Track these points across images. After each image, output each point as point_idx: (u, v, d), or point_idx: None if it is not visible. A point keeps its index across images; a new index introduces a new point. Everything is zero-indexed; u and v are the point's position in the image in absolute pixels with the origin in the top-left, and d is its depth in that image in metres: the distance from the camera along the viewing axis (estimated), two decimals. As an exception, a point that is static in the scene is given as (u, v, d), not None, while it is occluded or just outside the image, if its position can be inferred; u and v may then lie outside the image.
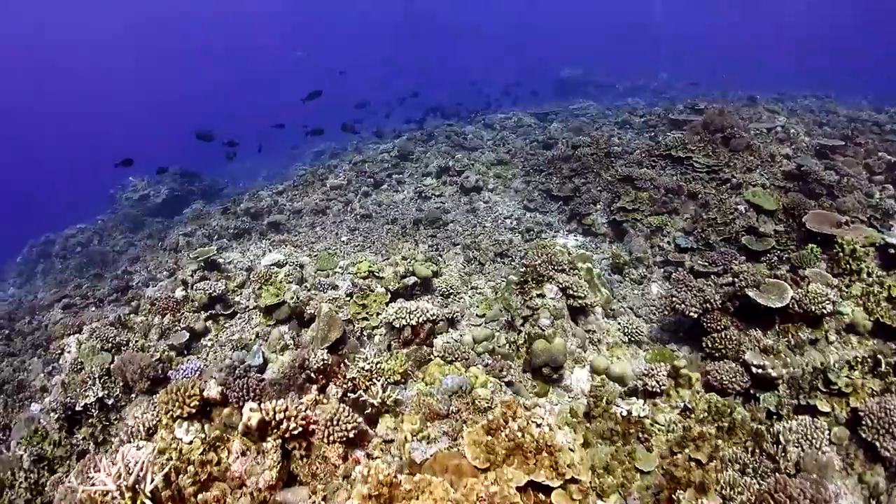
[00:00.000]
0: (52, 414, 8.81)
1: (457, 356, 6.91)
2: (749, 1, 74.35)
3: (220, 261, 12.19)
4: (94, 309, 13.62)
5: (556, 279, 7.98)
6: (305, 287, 9.61)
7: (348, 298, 8.82)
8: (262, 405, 4.97)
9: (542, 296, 7.86)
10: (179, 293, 10.85)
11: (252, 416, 4.81)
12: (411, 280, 9.41)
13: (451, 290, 9.67)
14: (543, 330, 7.29)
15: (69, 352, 10.25)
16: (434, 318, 7.07)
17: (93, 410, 8.71)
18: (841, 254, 9.47)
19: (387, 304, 9.11)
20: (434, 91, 29.44)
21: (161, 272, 12.71)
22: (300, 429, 4.94)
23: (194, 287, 10.31)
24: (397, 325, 7.00)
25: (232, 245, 14.04)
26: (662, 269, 11.14)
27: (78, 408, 8.70)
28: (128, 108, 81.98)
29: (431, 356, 7.04)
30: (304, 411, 5.16)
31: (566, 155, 15.30)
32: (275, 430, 4.93)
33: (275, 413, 4.90)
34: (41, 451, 8.44)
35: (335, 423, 5.05)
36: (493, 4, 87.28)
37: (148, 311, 10.95)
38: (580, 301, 7.96)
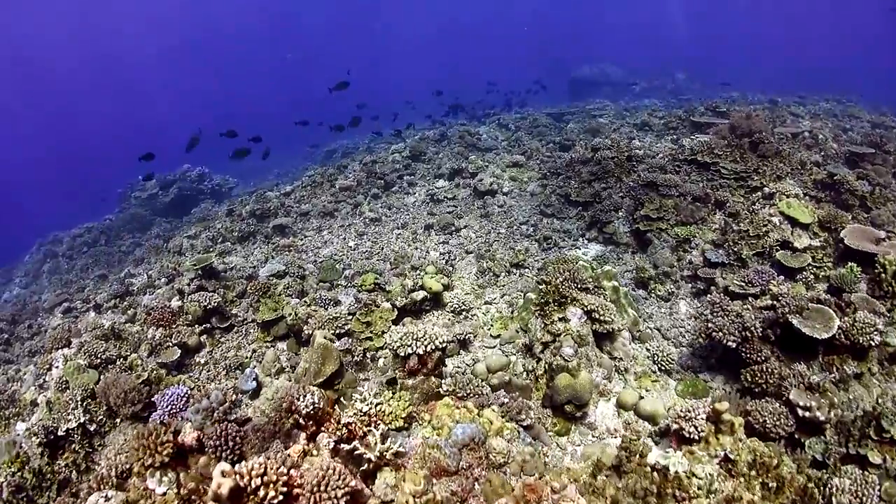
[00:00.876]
0: (33, 438, 8.00)
1: (469, 391, 5.97)
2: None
3: (220, 268, 11.34)
4: (93, 314, 12.86)
5: (581, 301, 7.00)
6: (305, 302, 8.70)
7: (350, 317, 7.89)
8: (237, 467, 4.07)
9: (564, 320, 6.88)
10: (175, 303, 10.01)
11: (223, 483, 3.90)
12: (420, 295, 8.46)
13: (464, 306, 8.72)
14: (567, 361, 6.33)
15: (57, 367, 9.44)
16: (443, 345, 6.14)
17: (75, 436, 7.89)
18: (883, 275, 8.46)
19: (393, 321, 8.19)
20: (452, 90, 28.16)
21: (160, 278, 11.86)
22: (281, 497, 4.03)
23: (189, 298, 9.44)
24: (402, 354, 6.07)
25: (236, 249, 13.18)
26: (690, 285, 10.12)
27: (60, 433, 7.89)
28: (142, 107, 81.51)
29: (440, 389, 6.10)
30: (288, 471, 4.25)
31: (585, 158, 14.29)
32: (252, 497, 4.03)
33: (251, 478, 3.99)
34: (21, 481, 7.62)
35: (324, 488, 4.13)
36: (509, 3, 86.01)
37: (143, 321, 10.13)
38: (607, 326, 6.98)
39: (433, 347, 6.03)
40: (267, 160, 19.15)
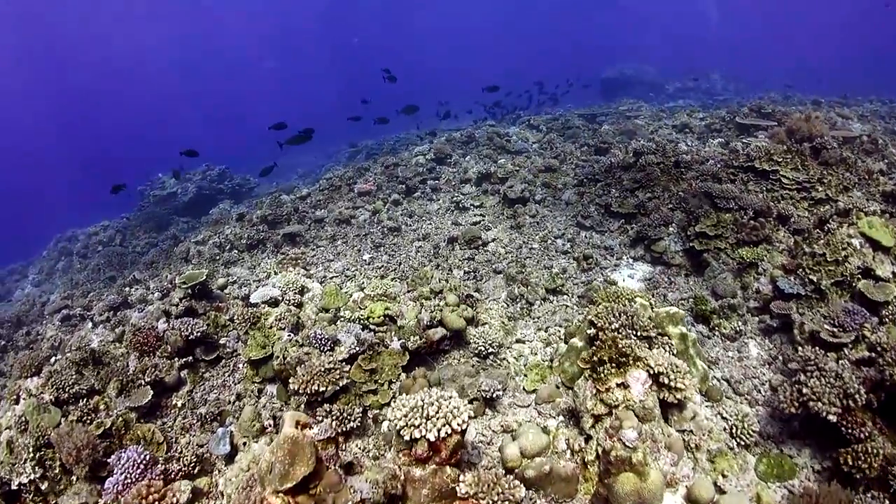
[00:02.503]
0: (-15, 491, 6.42)
1: (496, 496, 4.12)
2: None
3: (221, 281, 9.64)
4: (89, 325, 11.33)
5: (646, 360, 5.07)
6: (297, 341, 6.83)
7: (348, 367, 6.01)
8: None
9: (624, 386, 4.98)
10: (161, 325, 8.32)
11: None
12: (438, 333, 6.62)
13: (491, 347, 6.83)
14: (629, 448, 4.43)
15: (24, 398, 7.83)
16: (464, 425, 4.31)
17: (27, 494, 6.27)
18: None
19: (404, 367, 6.36)
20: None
21: (154, 292, 10.21)
22: None
23: (172, 324, 7.74)
24: (408, 437, 4.25)
25: (242, 258, 11.47)
26: (758, 318, 8.08)
27: (13, 486, 6.30)
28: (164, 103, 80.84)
29: (457, 486, 4.26)
30: None
31: (626, 163, 12.25)
32: None
33: None
34: (-27, 544, 6.10)
35: None
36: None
37: (129, 343, 8.47)
38: (679, 395, 5.05)
39: (450, 430, 4.20)
40: (293, 158, 17.48)
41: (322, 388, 5.32)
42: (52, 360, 9.75)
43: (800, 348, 6.28)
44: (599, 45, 61.20)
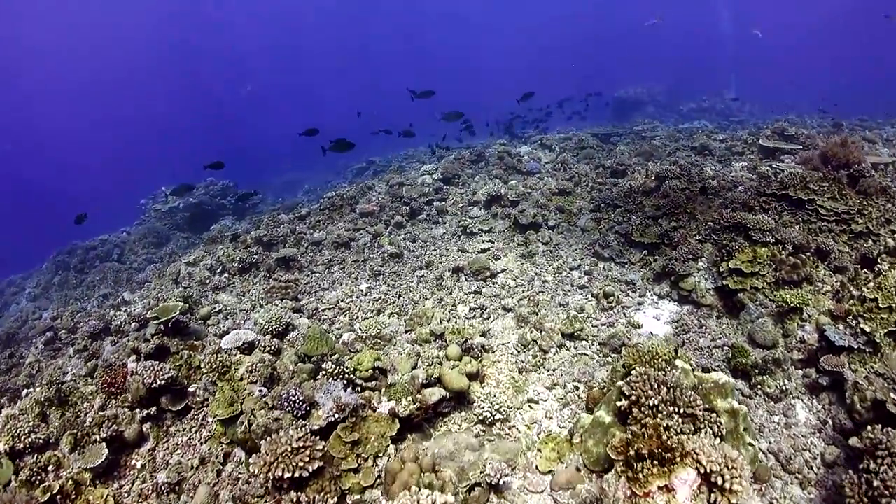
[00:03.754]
0: None
1: None
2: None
3: (205, 311, 8.55)
4: (70, 352, 10.28)
5: (696, 456, 3.87)
6: (267, 403, 5.63)
7: (322, 443, 4.76)
8: None
9: (667, 490, 3.79)
10: (132, 364, 7.23)
11: None
12: (436, 395, 5.44)
13: (499, 413, 5.62)
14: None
15: (-25, 446, 6.75)
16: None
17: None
18: None
19: (392, 438, 5.17)
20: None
21: (132, 322, 9.10)
22: None
23: (137, 368, 6.63)
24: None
25: (233, 283, 10.37)
26: (802, 373, 6.83)
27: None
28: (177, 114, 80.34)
29: None
30: None
31: (648, 188, 11.05)
32: None
33: None
34: None
35: None
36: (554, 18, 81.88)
37: (99, 381, 7.37)
38: (734, 498, 3.84)
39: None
40: (299, 172, 16.42)
41: (288, 474, 4.17)
42: (24, 392, 8.74)
43: (870, 429, 5.02)
44: (607, 60, 59.99)
